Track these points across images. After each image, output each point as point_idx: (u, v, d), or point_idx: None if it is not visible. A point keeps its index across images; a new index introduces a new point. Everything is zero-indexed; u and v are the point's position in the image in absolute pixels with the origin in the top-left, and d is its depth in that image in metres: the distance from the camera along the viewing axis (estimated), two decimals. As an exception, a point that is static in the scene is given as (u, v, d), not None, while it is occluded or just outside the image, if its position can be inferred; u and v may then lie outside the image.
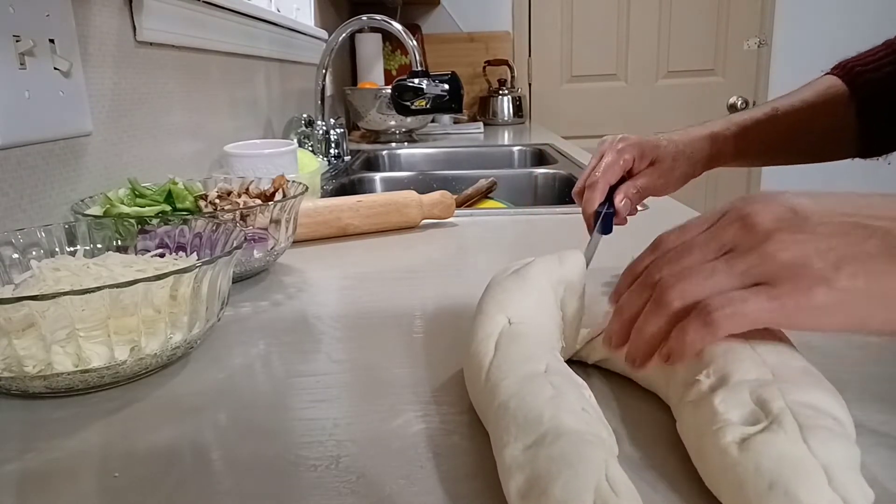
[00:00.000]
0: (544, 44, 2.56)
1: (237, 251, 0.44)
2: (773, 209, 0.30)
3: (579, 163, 1.34)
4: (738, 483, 0.25)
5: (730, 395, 0.29)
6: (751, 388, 0.29)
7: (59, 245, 0.51)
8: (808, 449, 0.25)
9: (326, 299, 0.58)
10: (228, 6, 1.01)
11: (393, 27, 1.28)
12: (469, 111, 2.45)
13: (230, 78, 1.08)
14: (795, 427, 0.26)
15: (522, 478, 0.26)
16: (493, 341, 0.35)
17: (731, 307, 0.29)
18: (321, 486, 0.30)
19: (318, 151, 1.40)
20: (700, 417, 0.29)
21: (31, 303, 0.35)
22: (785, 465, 0.25)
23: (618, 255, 0.47)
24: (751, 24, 2.53)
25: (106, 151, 0.70)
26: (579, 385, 0.31)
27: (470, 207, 1.08)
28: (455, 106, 1.25)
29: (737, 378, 0.29)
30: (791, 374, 0.30)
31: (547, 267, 0.41)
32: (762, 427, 0.26)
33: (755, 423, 0.27)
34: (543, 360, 0.33)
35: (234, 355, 0.46)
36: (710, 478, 0.28)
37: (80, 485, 0.31)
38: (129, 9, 0.75)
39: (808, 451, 0.25)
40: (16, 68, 0.55)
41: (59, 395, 0.39)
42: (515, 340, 0.35)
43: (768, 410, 0.27)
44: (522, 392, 0.30)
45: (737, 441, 0.26)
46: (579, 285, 0.41)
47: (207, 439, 0.35)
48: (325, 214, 0.76)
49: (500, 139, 1.93)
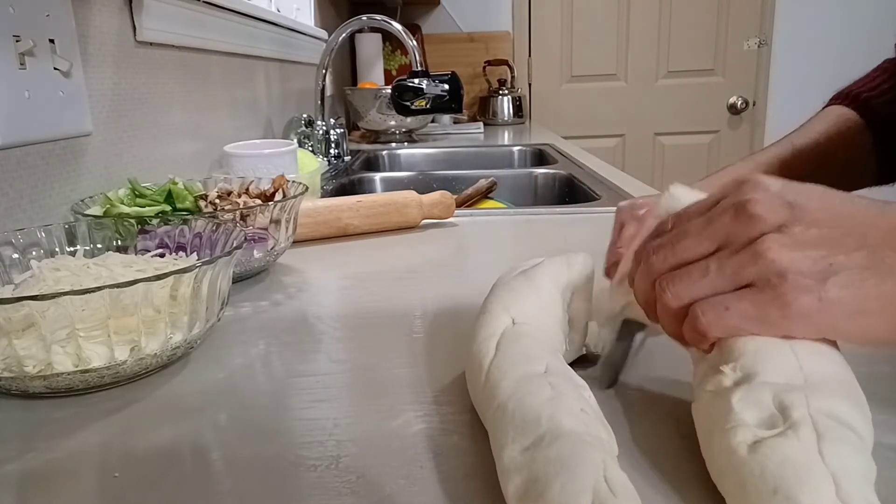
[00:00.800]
0: (544, 44, 2.56)
1: (237, 251, 0.44)
2: (772, 201, 0.30)
3: (579, 163, 1.34)
4: (742, 484, 0.25)
5: (750, 394, 0.28)
6: (775, 392, 0.28)
7: (59, 245, 0.51)
8: (820, 457, 0.24)
9: (326, 299, 0.58)
10: (228, 6, 1.01)
11: (393, 27, 1.28)
12: (469, 111, 2.45)
13: (230, 78, 1.08)
14: (813, 436, 0.25)
15: (520, 480, 0.26)
16: (494, 341, 0.35)
17: (715, 313, 0.30)
18: (321, 486, 0.30)
19: (318, 151, 1.40)
20: (715, 410, 0.29)
21: (31, 303, 0.35)
22: (792, 470, 0.24)
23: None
24: (751, 24, 2.53)
25: (106, 151, 0.70)
26: (579, 386, 0.31)
27: (470, 207, 1.08)
28: (455, 106, 1.25)
29: (762, 378, 0.29)
30: (824, 381, 0.28)
31: (555, 269, 0.41)
32: (777, 432, 0.26)
33: (771, 427, 0.26)
34: (543, 361, 0.32)
35: (234, 355, 0.46)
36: (716, 473, 0.28)
37: (80, 485, 0.31)
38: (129, 9, 0.75)
39: (819, 459, 0.24)
40: (16, 68, 0.55)
41: (59, 395, 0.39)
42: (517, 341, 0.35)
43: (788, 416, 0.26)
44: (521, 393, 0.30)
45: (748, 443, 0.26)
46: (587, 288, 0.41)
47: (207, 439, 0.35)
48: (325, 214, 0.76)
49: (500, 139, 1.93)
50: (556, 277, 0.40)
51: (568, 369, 0.33)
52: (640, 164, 2.62)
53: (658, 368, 0.41)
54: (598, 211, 0.88)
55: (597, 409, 0.30)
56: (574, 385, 0.31)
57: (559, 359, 0.34)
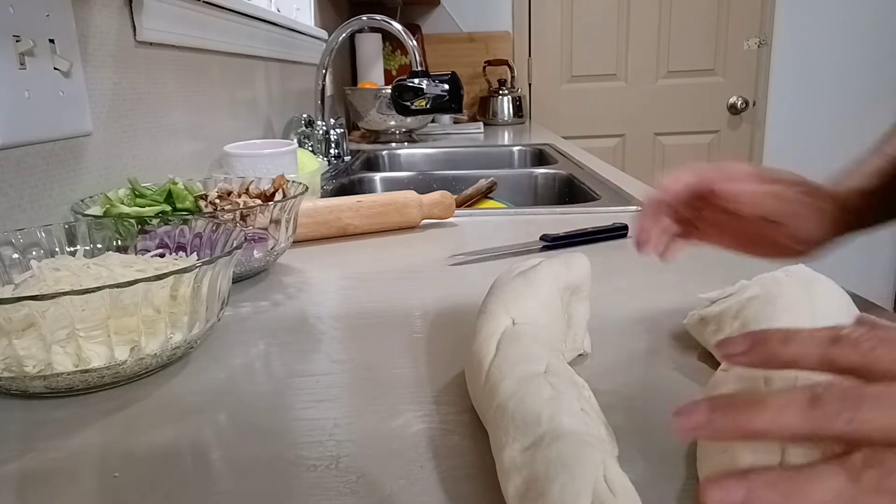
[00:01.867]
0: (544, 44, 2.56)
1: (237, 251, 0.44)
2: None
3: (579, 163, 1.34)
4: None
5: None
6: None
7: (59, 245, 0.51)
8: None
9: (326, 299, 0.58)
10: (228, 6, 1.01)
11: (393, 27, 1.28)
12: (469, 111, 2.45)
13: (230, 78, 1.08)
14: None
15: (520, 479, 0.26)
16: (494, 341, 0.35)
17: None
18: (321, 486, 0.30)
19: (318, 151, 1.40)
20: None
21: (31, 303, 0.35)
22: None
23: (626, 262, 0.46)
24: (751, 24, 2.53)
25: (106, 151, 0.70)
26: (579, 385, 0.31)
27: (470, 207, 1.08)
28: (455, 106, 1.25)
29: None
30: None
31: (554, 270, 0.41)
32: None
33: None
34: (543, 361, 0.32)
35: (234, 355, 0.46)
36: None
37: (80, 485, 0.31)
38: (129, 9, 0.75)
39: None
40: (16, 68, 0.55)
41: (59, 395, 0.40)
42: (517, 341, 0.35)
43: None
44: (521, 393, 0.30)
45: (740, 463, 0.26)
46: (586, 289, 0.41)
47: (207, 439, 0.35)
48: (325, 214, 0.76)
49: (500, 139, 1.93)
50: (555, 278, 0.40)
51: (568, 369, 0.33)
52: (640, 164, 2.62)
53: (661, 367, 0.41)
54: (598, 211, 0.88)
55: (597, 409, 0.30)
56: (574, 384, 0.31)
57: (559, 358, 0.34)
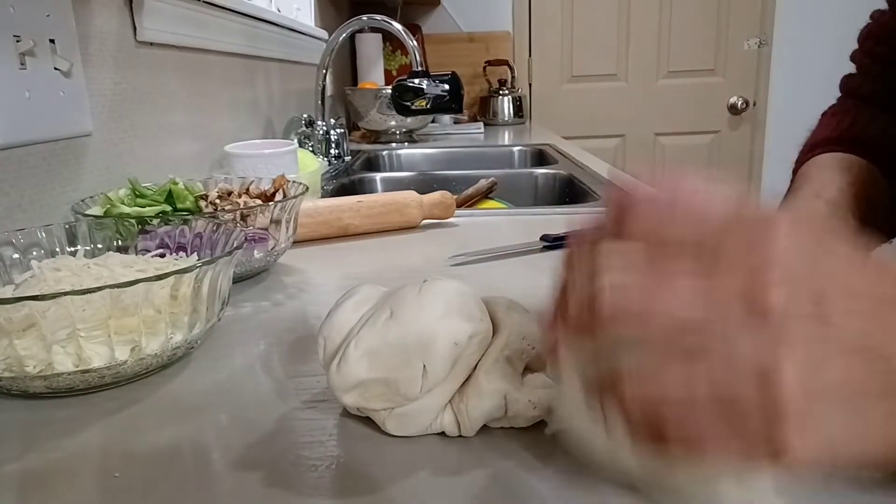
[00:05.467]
0: (544, 44, 2.56)
1: (237, 251, 0.44)
2: (799, 292, 0.21)
3: (579, 163, 1.34)
4: None
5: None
6: None
7: (59, 245, 0.51)
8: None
9: (327, 299, 0.57)
10: (229, 6, 1.01)
11: (393, 27, 1.28)
12: (469, 111, 2.45)
13: (231, 78, 1.08)
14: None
15: None
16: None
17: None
18: (321, 486, 0.30)
19: (319, 151, 1.40)
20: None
21: (32, 303, 0.35)
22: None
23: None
24: (751, 24, 2.53)
25: (106, 151, 0.70)
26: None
27: (470, 207, 1.08)
28: (455, 106, 1.25)
29: None
30: None
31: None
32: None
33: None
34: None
35: (235, 355, 0.46)
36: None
37: (80, 485, 0.31)
38: (129, 9, 0.75)
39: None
40: (16, 68, 0.55)
41: (60, 396, 0.40)
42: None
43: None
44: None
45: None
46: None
47: (208, 439, 0.35)
48: (326, 214, 0.76)
49: (500, 139, 1.93)
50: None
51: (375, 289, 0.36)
52: (641, 165, 2.62)
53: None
54: (598, 211, 0.87)
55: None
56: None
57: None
